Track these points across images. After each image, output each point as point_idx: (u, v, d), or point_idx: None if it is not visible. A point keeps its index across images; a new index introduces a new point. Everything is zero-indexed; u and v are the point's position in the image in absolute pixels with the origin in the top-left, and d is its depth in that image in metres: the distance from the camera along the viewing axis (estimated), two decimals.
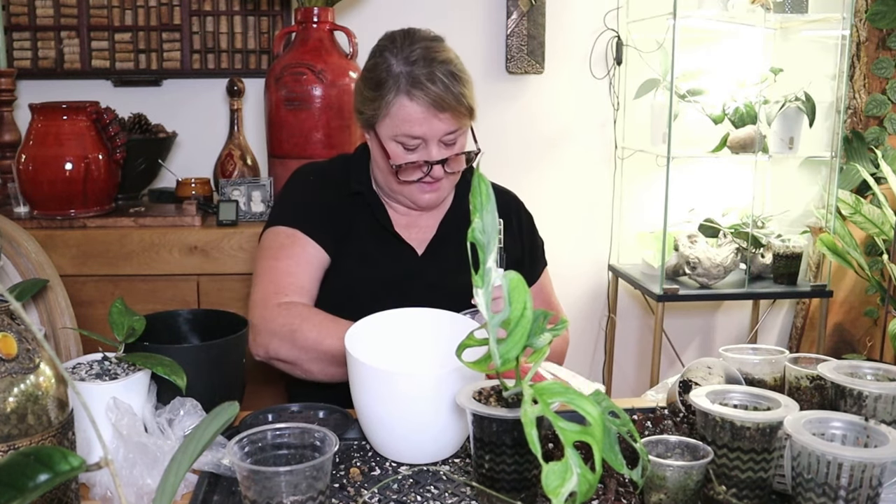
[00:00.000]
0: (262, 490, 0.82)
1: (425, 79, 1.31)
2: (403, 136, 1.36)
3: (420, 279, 1.44)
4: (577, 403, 0.73)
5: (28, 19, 2.46)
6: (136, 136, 2.30)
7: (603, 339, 2.88)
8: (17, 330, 0.81)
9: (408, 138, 1.36)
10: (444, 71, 1.32)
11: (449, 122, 1.35)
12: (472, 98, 1.37)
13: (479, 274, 0.80)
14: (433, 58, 1.33)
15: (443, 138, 1.36)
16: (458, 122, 1.36)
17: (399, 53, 1.35)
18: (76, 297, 1.67)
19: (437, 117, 1.34)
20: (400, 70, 1.33)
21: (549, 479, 0.65)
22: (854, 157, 2.72)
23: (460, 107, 1.34)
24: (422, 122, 1.34)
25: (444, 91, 1.32)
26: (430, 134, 1.35)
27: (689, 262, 2.45)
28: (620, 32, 2.69)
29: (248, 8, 2.51)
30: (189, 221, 2.10)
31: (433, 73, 1.32)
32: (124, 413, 0.98)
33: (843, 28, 2.49)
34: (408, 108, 1.33)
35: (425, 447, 1.06)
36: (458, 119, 1.35)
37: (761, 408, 0.94)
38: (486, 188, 0.81)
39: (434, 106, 1.32)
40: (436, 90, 1.31)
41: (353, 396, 1.09)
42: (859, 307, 2.85)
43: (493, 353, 0.80)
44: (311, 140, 2.09)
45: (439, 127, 1.35)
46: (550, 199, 2.77)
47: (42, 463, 0.49)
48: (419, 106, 1.33)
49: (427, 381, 1.03)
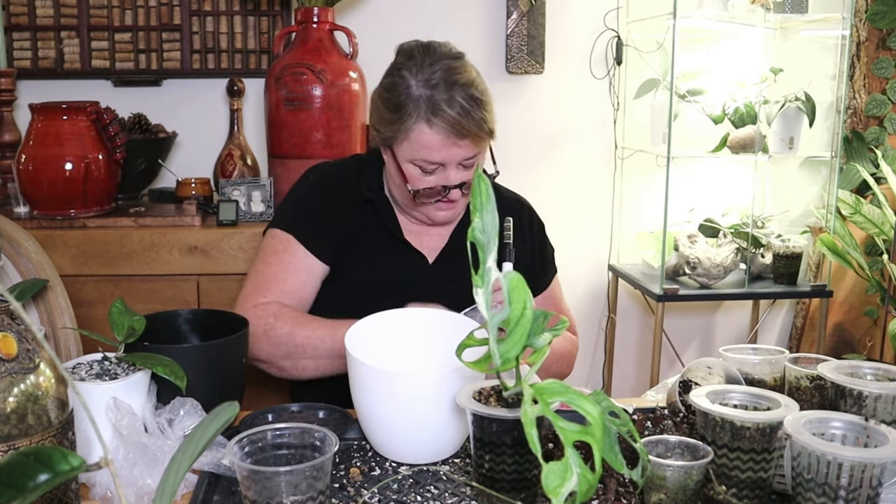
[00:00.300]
0: (262, 490, 0.82)
1: (445, 105, 1.28)
2: (422, 160, 1.33)
3: (427, 285, 1.42)
4: (577, 403, 0.73)
5: (28, 19, 2.46)
6: (136, 136, 2.30)
7: (603, 339, 2.88)
8: (17, 330, 0.81)
9: (426, 163, 1.33)
10: (465, 95, 1.29)
11: (468, 147, 1.32)
12: (492, 121, 1.33)
13: (479, 274, 0.80)
14: (454, 81, 1.29)
15: (462, 161, 1.34)
16: (477, 147, 1.33)
17: (419, 73, 1.30)
18: (76, 297, 1.67)
19: (457, 144, 1.31)
20: (420, 93, 1.29)
21: (548, 478, 0.65)
22: (854, 157, 2.72)
23: (480, 132, 1.31)
24: (441, 148, 1.31)
25: (465, 118, 1.28)
26: (448, 159, 1.33)
27: (689, 262, 2.45)
28: (620, 32, 2.69)
29: (248, 8, 2.51)
30: (189, 221, 2.10)
31: (453, 98, 1.28)
32: (124, 413, 0.98)
33: (843, 28, 2.49)
34: (427, 135, 1.30)
35: (425, 447, 1.06)
36: (477, 144, 1.33)
37: (761, 408, 0.94)
38: (486, 188, 0.81)
39: (454, 134, 1.29)
40: (456, 117, 1.28)
41: (353, 396, 1.09)
42: (859, 307, 2.85)
43: (492, 352, 0.80)
44: (311, 140, 2.09)
45: (458, 153, 1.32)
46: (550, 199, 2.77)
47: (42, 463, 0.49)
48: (439, 133, 1.29)
49: (427, 381, 1.03)
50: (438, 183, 1.35)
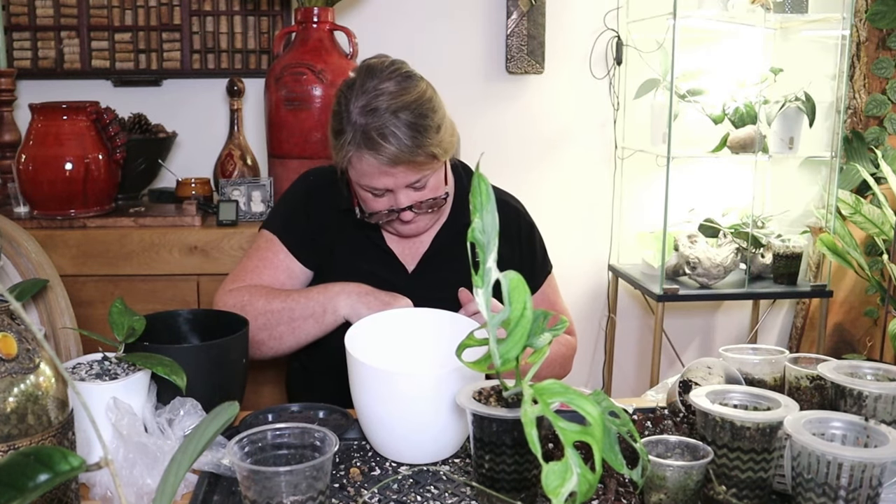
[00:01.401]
0: (262, 490, 0.82)
1: (376, 135, 1.26)
2: (367, 186, 1.33)
3: (406, 295, 1.37)
4: (577, 403, 0.73)
5: (28, 19, 2.46)
6: (136, 136, 2.30)
7: (603, 339, 2.88)
8: (17, 330, 0.81)
9: (371, 188, 1.33)
10: (401, 122, 1.26)
11: (408, 173, 1.31)
12: (434, 144, 1.30)
13: (479, 274, 0.79)
14: (389, 107, 1.27)
15: (409, 185, 1.33)
16: (418, 171, 1.31)
17: (356, 100, 1.29)
18: (76, 297, 1.67)
19: (392, 172, 1.30)
20: (356, 120, 1.28)
21: (549, 479, 0.65)
22: (854, 157, 2.72)
23: (417, 157, 1.28)
24: (378, 176, 1.30)
25: (397, 146, 1.26)
26: (391, 185, 1.32)
27: (689, 262, 2.45)
28: (620, 32, 2.69)
29: (248, 8, 2.51)
30: (189, 221, 2.10)
31: (385, 127, 1.26)
32: (124, 413, 0.98)
33: (843, 28, 2.49)
34: (364, 162, 1.30)
35: (425, 447, 1.06)
36: (417, 169, 1.31)
37: (761, 408, 0.94)
38: (486, 188, 0.80)
39: (387, 164, 1.28)
40: (388, 147, 1.26)
41: (353, 396, 1.09)
42: (859, 307, 2.86)
43: (493, 353, 0.80)
44: (311, 140, 2.09)
45: (399, 179, 1.31)
46: (550, 199, 2.77)
47: (42, 463, 0.49)
48: (374, 161, 1.28)
49: (427, 381, 1.03)
50: (388, 206, 1.35)
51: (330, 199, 1.47)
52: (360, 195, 1.36)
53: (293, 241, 1.44)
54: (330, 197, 1.47)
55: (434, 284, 1.40)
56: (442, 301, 1.26)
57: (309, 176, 1.53)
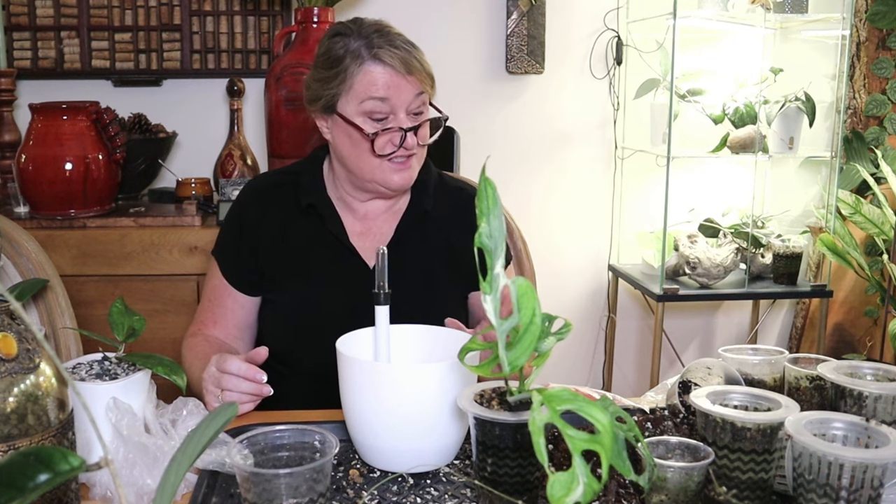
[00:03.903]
0: (262, 492, 0.82)
1: (387, 44, 1.33)
2: (371, 100, 1.32)
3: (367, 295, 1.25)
4: (586, 411, 0.71)
5: (28, 19, 2.46)
6: (136, 136, 2.30)
7: (603, 339, 2.88)
8: (17, 330, 0.81)
9: (377, 102, 1.32)
10: (402, 39, 1.35)
11: (415, 84, 1.34)
12: (431, 68, 1.38)
13: (488, 280, 0.78)
14: (388, 30, 1.36)
15: (409, 108, 1.35)
16: (422, 87, 1.36)
17: (352, 34, 1.35)
18: (76, 297, 1.67)
19: (405, 79, 1.33)
20: (358, 44, 1.33)
21: (554, 488, 0.65)
22: (854, 157, 2.72)
23: (423, 71, 1.35)
24: (388, 84, 1.32)
25: (407, 54, 1.33)
26: (396, 98, 1.33)
27: (689, 262, 2.45)
28: (620, 32, 2.69)
29: (248, 8, 2.51)
30: (189, 221, 2.10)
31: (392, 40, 1.33)
32: (124, 413, 0.98)
33: (843, 28, 2.50)
34: (373, 72, 1.32)
35: (424, 455, 1.04)
36: (422, 83, 1.35)
37: (761, 408, 0.94)
38: (492, 192, 0.79)
39: (402, 66, 1.32)
40: (400, 53, 1.32)
41: (343, 402, 1.07)
42: (859, 307, 2.85)
43: (502, 360, 0.79)
44: (311, 140, 2.09)
45: (406, 89, 1.33)
46: (550, 198, 2.77)
47: (42, 463, 0.49)
48: (385, 68, 1.32)
49: (426, 374, 1.02)
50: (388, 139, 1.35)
51: (278, 204, 1.44)
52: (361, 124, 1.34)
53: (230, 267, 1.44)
54: (278, 202, 1.44)
55: (395, 277, 1.26)
56: (405, 294, 1.24)
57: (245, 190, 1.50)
